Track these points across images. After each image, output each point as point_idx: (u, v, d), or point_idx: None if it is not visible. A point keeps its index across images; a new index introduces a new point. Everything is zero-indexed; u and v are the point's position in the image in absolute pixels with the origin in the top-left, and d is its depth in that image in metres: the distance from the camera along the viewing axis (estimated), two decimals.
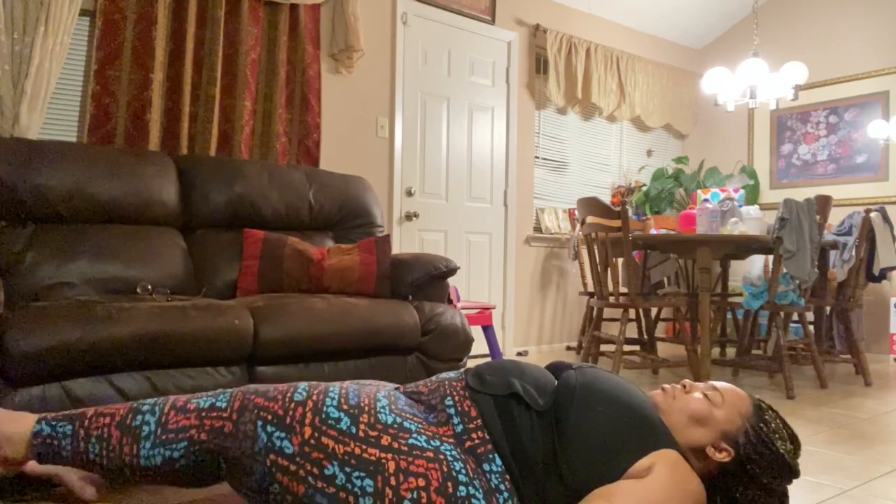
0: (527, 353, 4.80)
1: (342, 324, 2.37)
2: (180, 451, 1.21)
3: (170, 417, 1.24)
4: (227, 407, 1.23)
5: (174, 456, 1.21)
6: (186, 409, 1.25)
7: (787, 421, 1.37)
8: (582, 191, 5.33)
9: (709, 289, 3.48)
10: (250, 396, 1.24)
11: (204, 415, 1.23)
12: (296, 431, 1.18)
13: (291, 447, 1.16)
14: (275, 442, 1.17)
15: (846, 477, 2.06)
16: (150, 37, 3.06)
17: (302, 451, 1.16)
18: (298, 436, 1.17)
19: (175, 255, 2.65)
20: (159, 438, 1.22)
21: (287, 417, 1.19)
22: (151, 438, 1.22)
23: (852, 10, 5.24)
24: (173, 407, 1.26)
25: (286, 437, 1.17)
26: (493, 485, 1.21)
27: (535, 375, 1.37)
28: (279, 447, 1.16)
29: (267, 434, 1.18)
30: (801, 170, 5.49)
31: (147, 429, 1.23)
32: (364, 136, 4.01)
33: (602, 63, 5.21)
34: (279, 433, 1.18)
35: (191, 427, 1.22)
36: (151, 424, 1.23)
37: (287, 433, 1.18)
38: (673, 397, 1.38)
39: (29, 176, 2.40)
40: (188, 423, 1.22)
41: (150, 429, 1.23)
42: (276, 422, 1.19)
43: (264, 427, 1.19)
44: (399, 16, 4.13)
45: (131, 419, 1.25)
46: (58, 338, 1.81)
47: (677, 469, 1.21)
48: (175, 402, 1.27)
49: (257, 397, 1.24)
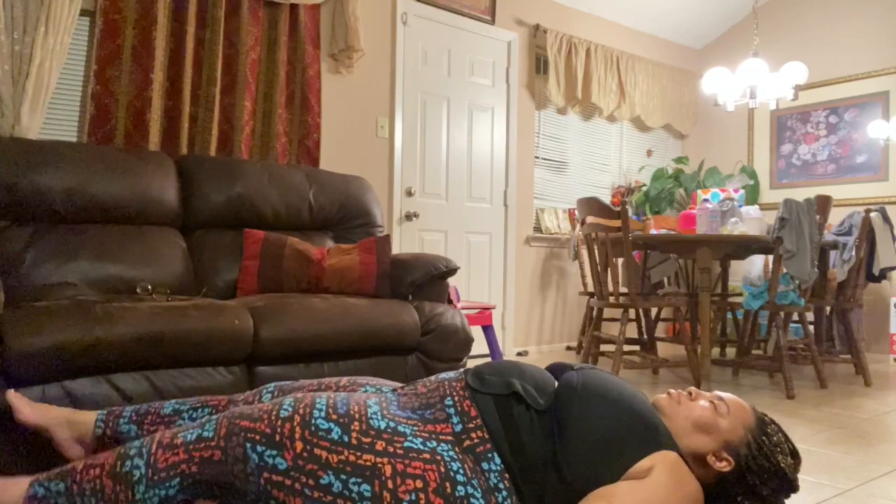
0: (527, 353, 4.80)
1: (342, 324, 2.37)
2: (175, 487, 1.20)
3: (158, 457, 1.22)
4: (213, 436, 1.22)
5: (170, 494, 1.20)
6: (174, 445, 1.24)
7: (788, 435, 1.38)
8: (582, 191, 5.33)
9: (709, 289, 3.48)
10: (235, 421, 1.23)
11: (192, 447, 1.22)
12: (287, 447, 1.17)
13: (284, 462, 1.16)
14: (266, 460, 1.16)
15: (846, 477, 2.06)
16: (150, 37, 3.06)
17: (296, 464, 1.16)
18: (290, 451, 1.17)
19: (175, 255, 2.65)
20: (152, 480, 1.21)
21: (276, 435, 1.19)
22: (144, 481, 1.21)
23: (852, 10, 5.24)
24: (160, 446, 1.24)
25: (278, 454, 1.17)
26: (492, 484, 1.21)
27: (535, 375, 1.37)
28: (272, 465, 1.16)
29: (258, 454, 1.17)
30: (801, 170, 5.49)
31: (138, 473, 1.22)
32: (364, 136, 4.01)
33: (602, 63, 5.21)
34: (270, 451, 1.17)
35: (181, 462, 1.21)
36: (141, 468, 1.22)
37: (278, 450, 1.17)
38: (678, 402, 1.39)
39: (29, 176, 2.40)
40: (178, 459, 1.21)
41: (140, 472, 1.22)
42: (265, 441, 1.18)
43: (254, 448, 1.18)
44: (399, 16, 4.13)
45: (120, 466, 1.23)
46: (58, 338, 1.81)
47: (677, 470, 1.22)
48: (161, 440, 1.26)
49: (242, 420, 1.23)
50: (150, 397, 1.98)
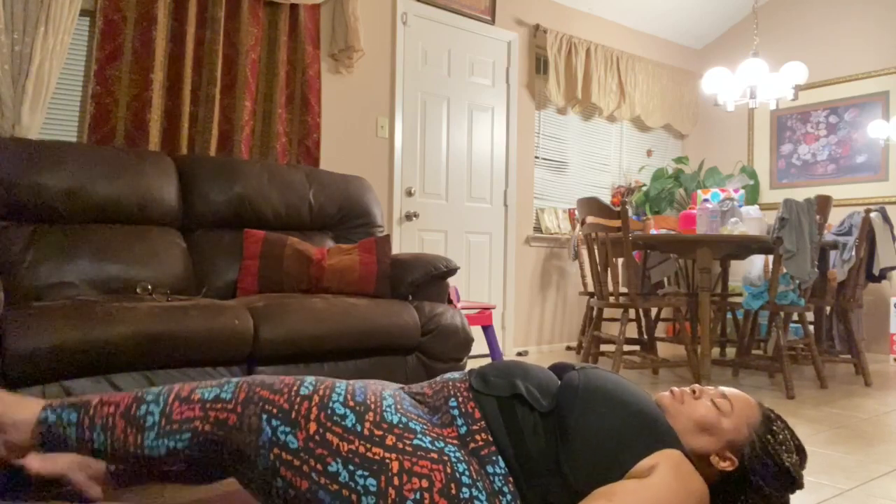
0: (527, 353, 4.80)
1: (342, 324, 2.37)
2: (185, 441, 1.20)
3: (174, 408, 1.23)
4: (231, 399, 1.22)
5: (178, 447, 1.20)
6: (191, 399, 1.24)
7: (794, 431, 1.36)
8: (582, 191, 5.33)
9: (709, 289, 3.48)
10: (255, 388, 1.23)
11: (209, 406, 1.22)
12: (300, 426, 1.17)
13: (296, 442, 1.16)
14: (279, 436, 1.16)
15: (846, 477, 2.06)
16: (150, 37, 3.06)
17: (307, 446, 1.15)
18: (303, 430, 1.17)
19: (175, 255, 2.65)
20: (163, 429, 1.21)
21: (292, 412, 1.19)
22: (156, 429, 1.21)
23: (852, 10, 5.24)
24: (177, 397, 1.24)
25: (291, 432, 1.17)
26: (497, 487, 1.20)
27: (538, 376, 1.36)
28: (284, 441, 1.16)
29: (272, 428, 1.17)
30: (801, 170, 5.49)
31: (151, 419, 1.22)
32: (364, 136, 4.01)
33: (602, 63, 5.21)
34: (284, 427, 1.17)
35: (195, 418, 1.21)
36: (156, 415, 1.22)
37: (292, 427, 1.17)
38: (681, 401, 1.37)
39: (29, 176, 2.40)
40: (192, 415, 1.21)
41: (154, 419, 1.22)
42: (282, 416, 1.18)
43: (269, 421, 1.18)
44: (399, 16, 4.13)
45: (135, 409, 1.24)
46: (58, 338, 1.81)
47: (680, 469, 1.21)
48: (179, 391, 1.26)
49: (262, 389, 1.23)
50: None
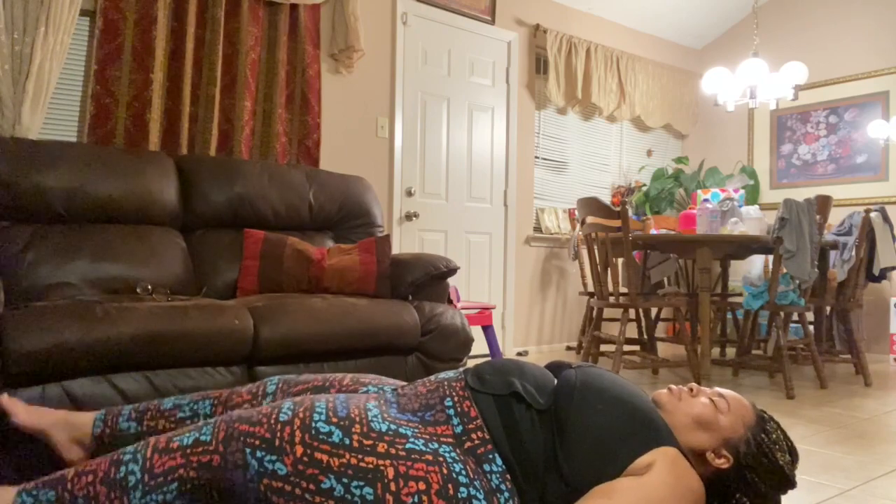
0: (527, 353, 4.80)
1: (342, 324, 2.37)
2: (172, 493, 1.17)
3: (154, 462, 1.19)
4: (211, 439, 1.19)
5: (167, 499, 1.17)
6: (169, 448, 1.20)
7: (787, 433, 1.39)
8: (582, 191, 5.33)
9: (709, 289, 3.48)
10: (234, 424, 1.21)
11: (189, 452, 1.19)
12: (286, 452, 1.15)
13: (284, 468, 1.14)
14: (266, 466, 1.14)
15: (846, 477, 2.06)
16: (150, 37, 3.06)
17: (296, 469, 1.13)
18: (290, 455, 1.15)
19: (175, 255, 2.65)
20: (148, 485, 1.17)
21: (275, 440, 1.16)
22: (140, 487, 1.17)
23: (852, 10, 5.24)
24: (155, 450, 1.21)
25: (277, 459, 1.14)
26: (494, 485, 1.20)
27: (535, 374, 1.37)
28: (272, 470, 1.14)
29: (257, 460, 1.15)
30: (801, 170, 5.49)
31: (133, 478, 1.17)
32: (364, 136, 4.01)
33: (602, 63, 5.21)
34: (270, 456, 1.15)
35: (178, 467, 1.17)
36: (137, 473, 1.18)
37: (278, 455, 1.15)
38: (679, 399, 1.39)
39: (29, 176, 2.40)
40: (175, 464, 1.18)
41: (136, 478, 1.17)
42: (265, 446, 1.16)
43: (253, 453, 1.15)
44: (399, 16, 4.13)
45: (114, 472, 1.19)
46: (58, 338, 1.81)
47: (677, 466, 1.22)
48: (156, 444, 1.22)
49: (241, 424, 1.20)
50: (150, 397, 1.97)
